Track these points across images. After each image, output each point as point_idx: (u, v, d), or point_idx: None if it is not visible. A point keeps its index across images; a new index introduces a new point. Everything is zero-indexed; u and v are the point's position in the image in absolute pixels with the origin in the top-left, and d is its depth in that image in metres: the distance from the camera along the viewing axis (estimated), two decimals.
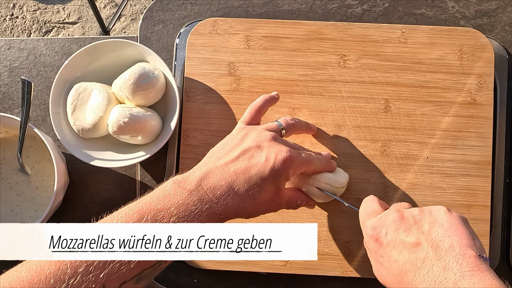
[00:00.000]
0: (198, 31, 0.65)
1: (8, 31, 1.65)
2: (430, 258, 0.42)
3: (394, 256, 0.45)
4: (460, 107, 0.63)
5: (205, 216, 0.46)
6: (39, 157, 0.64)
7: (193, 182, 0.47)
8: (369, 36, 0.64)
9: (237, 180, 0.48)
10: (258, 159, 0.49)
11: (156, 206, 0.45)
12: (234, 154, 0.49)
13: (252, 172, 0.48)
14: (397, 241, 0.45)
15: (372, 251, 0.48)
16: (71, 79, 0.63)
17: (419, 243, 0.44)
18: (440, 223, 0.45)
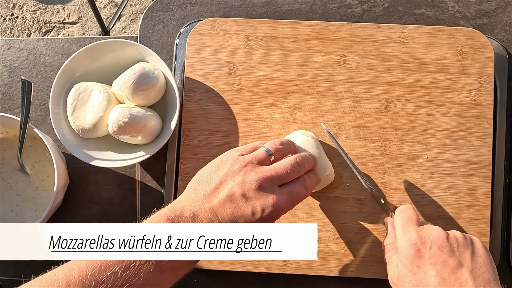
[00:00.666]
0: (198, 31, 0.65)
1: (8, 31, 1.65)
2: (469, 284, 0.46)
3: (431, 271, 0.46)
4: (460, 107, 0.63)
5: None
6: (39, 157, 0.64)
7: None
8: (369, 36, 0.64)
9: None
10: (244, 210, 0.48)
11: None
12: (219, 198, 0.48)
13: (239, 221, 0.48)
14: (440, 258, 0.47)
15: (408, 259, 0.48)
16: (71, 79, 0.63)
17: (461, 267, 0.46)
18: (479, 254, 0.48)
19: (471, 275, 0.46)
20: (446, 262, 0.47)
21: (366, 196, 0.62)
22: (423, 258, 0.47)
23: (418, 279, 0.47)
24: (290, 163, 0.51)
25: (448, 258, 0.47)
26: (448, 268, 0.46)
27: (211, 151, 0.63)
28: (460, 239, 0.49)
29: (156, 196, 0.66)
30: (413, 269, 0.48)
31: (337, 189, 0.62)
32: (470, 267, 0.47)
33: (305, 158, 0.53)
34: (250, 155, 0.51)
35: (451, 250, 0.48)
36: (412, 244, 0.48)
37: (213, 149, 0.63)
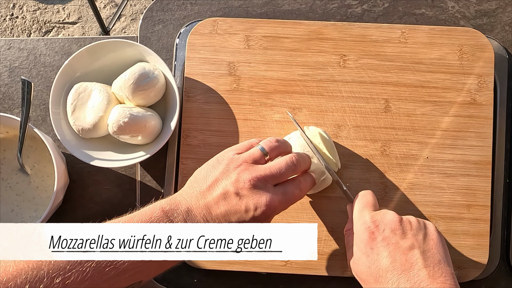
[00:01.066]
0: (198, 31, 0.65)
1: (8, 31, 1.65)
2: (419, 264, 0.47)
3: (384, 252, 0.48)
4: (460, 107, 0.63)
5: None
6: (39, 157, 0.64)
7: (179, 217, 0.48)
8: (369, 36, 0.64)
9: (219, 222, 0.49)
10: (237, 208, 0.49)
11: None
12: (213, 196, 0.49)
13: (233, 218, 0.49)
14: (392, 240, 0.49)
15: (362, 242, 0.50)
16: (71, 79, 0.63)
17: (413, 249, 0.48)
18: (431, 237, 0.50)
19: (422, 256, 0.48)
20: (398, 243, 0.48)
21: None
22: (376, 240, 0.49)
23: (371, 260, 0.49)
24: (286, 163, 0.51)
25: (400, 240, 0.49)
26: (400, 249, 0.48)
27: (211, 151, 0.63)
28: (413, 222, 0.50)
29: (156, 196, 0.66)
30: (366, 251, 0.49)
31: (337, 189, 0.62)
32: (422, 248, 0.48)
33: (301, 158, 0.53)
34: (245, 154, 0.51)
35: (403, 232, 0.49)
36: (366, 227, 0.50)
37: (213, 149, 0.63)
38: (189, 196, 0.50)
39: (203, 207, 0.49)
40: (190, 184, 0.51)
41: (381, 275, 0.48)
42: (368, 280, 0.49)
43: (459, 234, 0.61)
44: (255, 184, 0.49)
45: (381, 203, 0.62)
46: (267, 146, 0.52)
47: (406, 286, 0.46)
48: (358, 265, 0.50)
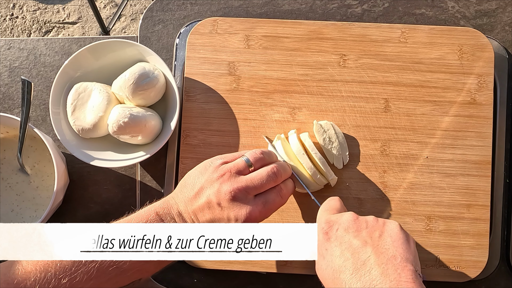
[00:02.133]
0: (198, 30, 0.65)
1: (8, 31, 1.65)
2: (371, 262, 0.44)
3: (336, 252, 0.46)
4: (460, 106, 0.63)
5: None
6: (39, 157, 0.64)
7: (172, 221, 0.51)
8: (369, 36, 0.64)
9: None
10: (220, 216, 0.51)
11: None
12: (199, 203, 0.51)
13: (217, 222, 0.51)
14: (344, 239, 0.47)
15: (319, 244, 0.49)
16: (71, 79, 0.63)
17: (365, 246, 0.46)
18: (390, 234, 0.47)
19: (375, 252, 0.45)
20: (350, 242, 0.46)
21: (365, 196, 0.62)
22: (330, 240, 0.48)
23: (326, 262, 0.47)
24: (267, 173, 0.52)
25: (353, 239, 0.46)
26: (352, 247, 0.46)
27: (211, 150, 0.63)
28: (370, 221, 0.48)
29: (156, 196, 0.66)
30: (322, 253, 0.48)
31: (336, 189, 0.62)
32: (375, 244, 0.45)
33: (281, 167, 0.54)
34: (230, 165, 0.53)
35: (356, 230, 0.47)
36: (321, 228, 0.49)
37: (213, 149, 0.63)
38: (180, 200, 0.52)
39: (191, 213, 0.52)
40: (181, 189, 0.53)
41: (335, 277, 0.45)
42: (327, 283, 0.47)
43: (459, 234, 0.61)
44: (235, 196, 0.50)
45: (381, 203, 0.62)
46: (252, 157, 0.54)
47: (358, 286, 0.43)
48: (318, 269, 0.49)
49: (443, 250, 0.61)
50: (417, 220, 0.61)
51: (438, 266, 0.61)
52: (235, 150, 0.63)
